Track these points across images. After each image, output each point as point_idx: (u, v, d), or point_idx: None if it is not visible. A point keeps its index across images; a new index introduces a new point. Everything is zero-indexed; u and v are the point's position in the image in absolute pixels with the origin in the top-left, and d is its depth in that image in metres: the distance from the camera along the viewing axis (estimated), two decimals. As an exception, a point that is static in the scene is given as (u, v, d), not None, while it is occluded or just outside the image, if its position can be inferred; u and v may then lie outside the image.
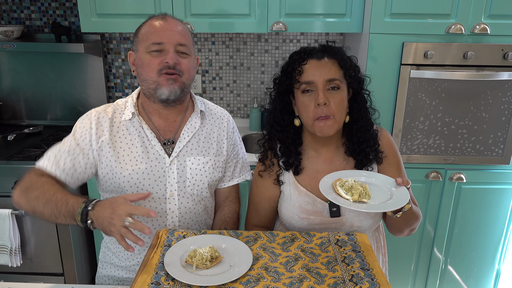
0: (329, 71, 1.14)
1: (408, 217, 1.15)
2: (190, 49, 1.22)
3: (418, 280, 2.20)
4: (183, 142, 1.27)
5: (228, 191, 1.41)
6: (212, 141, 1.32)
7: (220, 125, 1.35)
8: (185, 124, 1.29)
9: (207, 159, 1.30)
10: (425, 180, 2.02)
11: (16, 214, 1.88)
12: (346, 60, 1.17)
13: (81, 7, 2.01)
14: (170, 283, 0.95)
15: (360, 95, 1.21)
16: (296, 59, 1.18)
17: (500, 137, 1.94)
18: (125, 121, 1.25)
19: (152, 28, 1.19)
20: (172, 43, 1.17)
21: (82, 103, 2.49)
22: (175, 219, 1.26)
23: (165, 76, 1.17)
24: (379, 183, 1.11)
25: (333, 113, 1.14)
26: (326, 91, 1.14)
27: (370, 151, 1.21)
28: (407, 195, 1.04)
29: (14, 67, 2.43)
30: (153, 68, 1.17)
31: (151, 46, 1.17)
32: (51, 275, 2.06)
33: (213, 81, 2.52)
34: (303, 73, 1.16)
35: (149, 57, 1.17)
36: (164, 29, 1.18)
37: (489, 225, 2.08)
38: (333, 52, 1.17)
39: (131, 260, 1.30)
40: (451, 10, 1.80)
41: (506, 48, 1.81)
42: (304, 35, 2.43)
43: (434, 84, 1.87)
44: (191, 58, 1.22)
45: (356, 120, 1.21)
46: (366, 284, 0.94)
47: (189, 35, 1.24)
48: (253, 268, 1.00)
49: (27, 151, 2.06)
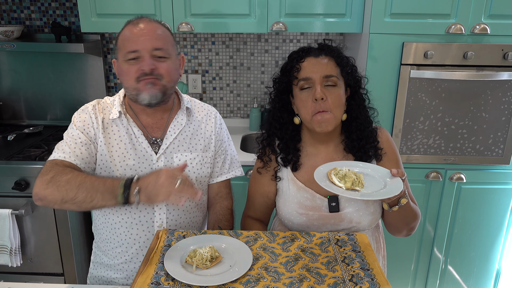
0: (326, 68, 1.16)
1: (406, 213, 1.16)
2: (168, 51, 1.21)
3: (418, 280, 2.20)
4: (170, 139, 1.28)
5: (217, 187, 1.41)
6: (199, 137, 1.34)
7: (208, 121, 1.37)
8: (172, 121, 1.30)
9: (194, 155, 1.31)
10: (425, 180, 2.02)
11: (16, 214, 1.88)
12: (343, 58, 1.20)
13: (81, 7, 2.01)
14: (170, 283, 0.95)
15: (358, 93, 1.23)
16: (294, 57, 1.21)
17: (500, 137, 1.94)
18: (110, 120, 1.27)
19: (127, 35, 1.20)
20: (147, 49, 1.17)
21: (82, 103, 2.44)
22: (163, 216, 1.27)
23: (144, 82, 1.18)
24: (374, 174, 1.12)
25: (330, 108, 1.15)
26: (323, 87, 1.16)
27: (370, 148, 1.23)
28: (401, 185, 1.05)
29: (14, 67, 2.43)
30: (131, 76, 1.19)
31: (127, 54, 1.18)
32: (51, 275, 2.06)
33: (213, 81, 2.52)
34: (301, 70, 1.18)
35: (127, 66, 1.19)
36: (139, 35, 1.18)
37: (489, 225, 2.08)
38: (330, 50, 1.20)
39: (119, 258, 1.30)
40: (451, 10, 1.81)
41: (506, 48, 1.82)
42: (304, 35, 2.43)
43: (434, 84, 1.87)
44: (171, 60, 1.22)
45: (354, 118, 1.22)
46: (366, 284, 0.94)
47: (167, 37, 1.23)
48: (253, 268, 1.00)
49: (27, 151, 2.06)
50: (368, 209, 1.20)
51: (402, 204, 1.11)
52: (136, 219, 1.26)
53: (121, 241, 1.28)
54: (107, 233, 1.30)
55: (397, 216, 1.17)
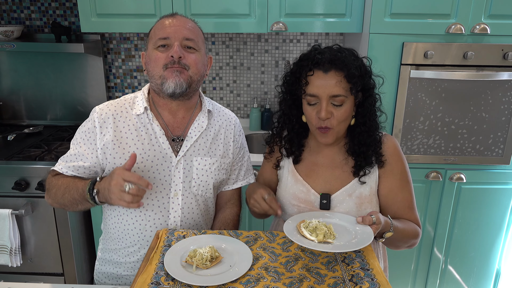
0: (334, 87, 1.12)
1: (398, 237, 1.16)
2: (198, 44, 1.22)
3: (418, 280, 2.20)
4: (191, 141, 1.27)
5: (231, 194, 1.41)
6: (219, 142, 1.33)
7: (228, 127, 1.36)
8: (193, 122, 1.29)
9: (213, 160, 1.30)
10: (425, 180, 2.02)
11: (16, 214, 1.88)
12: (354, 74, 1.12)
13: (81, 7, 2.01)
14: (170, 283, 0.95)
15: (369, 100, 1.20)
16: (304, 66, 1.16)
17: (500, 137, 1.94)
18: (133, 117, 1.25)
19: (160, 26, 1.21)
20: (178, 37, 1.18)
21: (82, 103, 2.49)
22: (177, 219, 1.27)
23: (170, 69, 1.18)
24: (343, 223, 1.11)
25: (334, 125, 1.15)
26: (329, 105, 1.14)
27: (371, 154, 1.21)
28: (371, 232, 1.03)
29: (14, 67, 2.43)
30: (159, 63, 1.18)
31: (157, 41, 1.19)
32: (51, 275, 2.06)
33: (213, 81, 2.52)
34: (309, 85, 1.15)
35: (156, 53, 1.19)
36: (171, 25, 1.20)
37: (489, 225, 2.07)
38: (341, 65, 1.12)
39: (131, 257, 1.30)
40: (451, 10, 1.81)
41: (506, 48, 1.81)
42: (304, 35, 2.43)
43: (434, 84, 1.87)
44: (199, 53, 1.22)
45: (361, 124, 1.20)
46: (366, 284, 0.94)
47: (199, 32, 1.25)
48: (253, 268, 1.00)
49: (27, 151, 2.06)
50: (359, 214, 1.19)
51: (387, 237, 1.12)
52: (151, 221, 1.25)
53: (134, 241, 1.27)
54: (119, 233, 1.29)
55: (388, 242, 1.19)
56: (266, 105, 2.48)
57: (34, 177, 1.91)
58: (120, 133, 1.23)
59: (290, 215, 1.24)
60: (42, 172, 1.89)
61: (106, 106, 1.27)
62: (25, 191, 1.92)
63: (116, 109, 1.25)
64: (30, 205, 1.93)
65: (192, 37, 1.20)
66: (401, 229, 1.16)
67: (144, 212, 1.25)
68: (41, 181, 1.90)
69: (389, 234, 1.11)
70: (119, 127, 1.23)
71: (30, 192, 1.92)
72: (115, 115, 1.24)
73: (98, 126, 1.23)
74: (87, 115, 1.29)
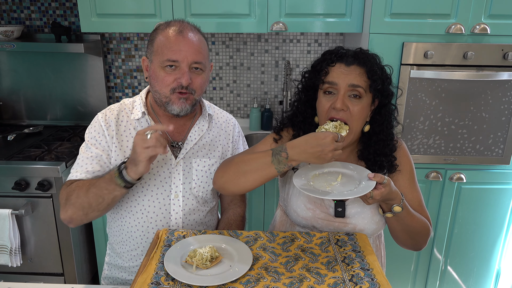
0: (355, 78, 1.11)
1: (404, 222, 1.15)
2: (205, 65, 1.21)
3: (418, 280, 2.20)
4: (190, 145, 1.28)
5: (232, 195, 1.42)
6: (218, 144, 1.34)
7: (226, 129, 1.37)
8: (193, 127, 1.30)
9: (212, 161, 1.31)
10: (425, 180, 2.02)
11: (16, 214, 1.88)
12: (376, 71, 1.12)
13: (81, 7, 2.01)
14: (170, 283, 0.95)
15: (386, 108, 1.18)
16: (326, 58, 1.16)
17: (500, 137, 1.93)
18: (133, 121, 1.25)
19: (167, 42, 1.17)
20: (187, 62, 1.16)
21: (82, 103, 2.49)
22: (179, 220, 1.27)
23: (178, 95, 1.18)
24: (354, 174, 1.12)
25: (349, 119, 1.12)
26: (346, 97, 1.12)
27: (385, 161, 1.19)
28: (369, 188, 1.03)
29: (14, 67, 2.43)
30: (166, 84, 1.17)
31: (165, 62, 1.16)
32: (51, 275, 2.06)
33: (213, 81, 2.52)
34: (329, 74, 1.14)
35: (164, 73, 1.17)
36: (180, 45, 1.16)
37: (489, 225, 2.07)
38: (364, 60, 1.12)
39: (134, 260, 1.30)
40: (451, 10, 1.80)
41: (506, 48, 1.81)
42: (304, 35, 2.43)
43: (434, 84, 1.87)
44: (205, 72, 1.22)
45: (376, 132, 1.18)
46: (366, 284, 0.94)
47: (206, 50, 1.23)
48: (253, 268, 1.00)
49: (27, 151, 2.06)
50: (374, 219, 1.19)
51: (396, 212, 1.10)
52: (153, 223, 1.26)
53: (137, 244, 1.28)
54: (123, 236, 1.29)
55: (396, 224, 1.16)
56: (266, 105, 2.48)
57: (34, 177, 1.91)
58: (121, 136, 1.24)
59: (303, 218, 1.22)
60: (42, 172, 1.89)
61: (108, 111, 1.28)
62: (25, 191, 1.92)
63: (118, 113, 1.27)
64: (30, 205, 1.93)
65: (201, 60, 1.19)
66: (412, 213, 1.15)
67: (146, 214, 1.25)
68: (41, 181, 1.90)
69: (398, 208, 1.09)
70: (120, 131, 1.24)
71: (30, 192, 1.92)
72: (117, 119, 1.26)
73: (105, 128, 1.24)
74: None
